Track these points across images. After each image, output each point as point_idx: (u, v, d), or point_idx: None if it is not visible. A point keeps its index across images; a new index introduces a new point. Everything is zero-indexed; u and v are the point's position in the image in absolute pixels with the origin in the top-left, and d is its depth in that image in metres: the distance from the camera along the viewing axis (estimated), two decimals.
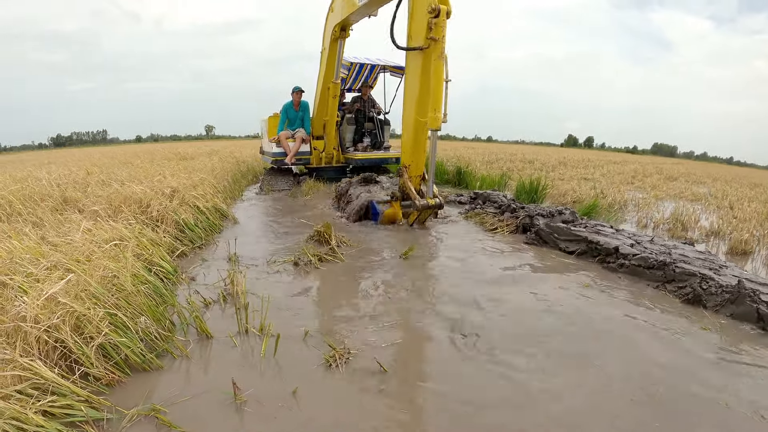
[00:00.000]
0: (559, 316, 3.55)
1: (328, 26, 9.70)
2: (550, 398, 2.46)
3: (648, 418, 2.32)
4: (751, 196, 11.95)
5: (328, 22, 9.70)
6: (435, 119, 5.51)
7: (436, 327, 3.29)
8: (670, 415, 2.34)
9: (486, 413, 2.32)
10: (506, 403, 2.41)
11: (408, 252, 5.03)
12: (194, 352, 2.86)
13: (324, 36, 10.02)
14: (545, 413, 2.33)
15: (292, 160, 10.45)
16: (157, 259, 4.03)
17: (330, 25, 9.56)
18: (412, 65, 5.92)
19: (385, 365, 2.68)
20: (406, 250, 5.07)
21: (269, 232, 6.16)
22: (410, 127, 6.11)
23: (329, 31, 9.56)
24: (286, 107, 10.60)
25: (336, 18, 9.05)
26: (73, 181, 8.00)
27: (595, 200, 8.26)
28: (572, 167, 18.07)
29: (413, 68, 5.90)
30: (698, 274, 4.13)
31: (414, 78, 5.91)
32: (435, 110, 5.51)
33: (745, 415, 2.36)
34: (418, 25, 5.65)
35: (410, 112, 6.08)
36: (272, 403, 2.36)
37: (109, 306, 2.78)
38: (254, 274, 4.33)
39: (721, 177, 20.38)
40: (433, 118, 5.52)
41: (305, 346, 2.94)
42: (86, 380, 2.41)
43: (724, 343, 3.20)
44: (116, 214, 5.23)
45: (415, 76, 5.88)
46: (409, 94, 6.10)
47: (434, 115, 5.51)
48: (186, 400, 2.36)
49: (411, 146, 6.19)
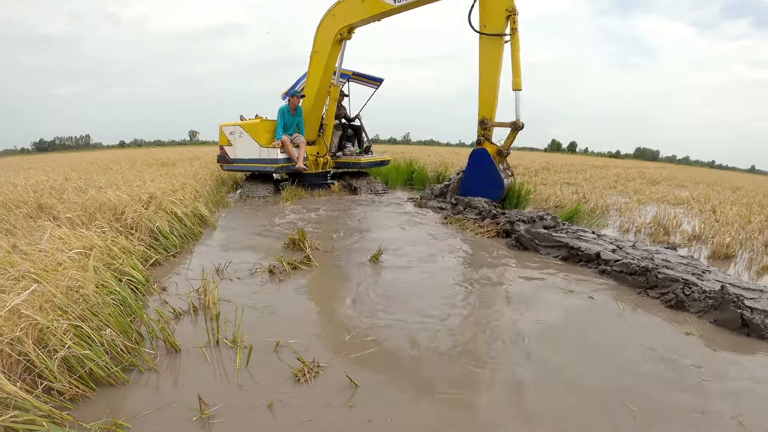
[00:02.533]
0: (537, 322, 3.51)
1: (326, 30, 9.75)
2: (525, 405, 2.42)
3: (623, 424, 2.29)
4: (733, 200, 12.08)
5: (326, 26, 9.75)
6: (518, 82, 7.50)
7: (402, 338, 3.22)
8: (648, 420, 2.32)
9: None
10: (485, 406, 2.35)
11: (377, 255, 5.01)
12: (162, 364, 2.76)
13: (317, 39, 10.00)
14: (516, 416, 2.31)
15: (299, 165, 10.09)
16: (128, 269, 3.91)
17: (329, 28, 9.65)
18: (491, 45, 7.91)
19: (356, 379, 2.61)
20: (375, 253, 5.04)
21: (246, 239, 6.06)
22: (493, 90, 8.14)
23: (330, 33, 9.64)
24: (282, 111, 10.15)
25: (344, 20, 9.41)
26: (50, 187, 7.89)
27: (578, 205, 8.26)
28: (555, 172, 18.14)
29: (494, 46, 7.89)
30: (681, 279, 4.12)
31: (496, 53, 7.91)
32: (517, 75, 7.47)
33: (724, 423, 2.33)
34: (495, 18, 7.78)
35: (494, 80, 8.06)
36: (238, 418, 2.29)
37: (73, 318, 2.68)
38: (228, 283, 4.23)
39: (703, 180, 20.61)
40: (517, 81, 7.49)
41: (275, 359, 2.86)
42: (50, 395, 2.32)
43: (707, 349, 3.19)
44: (90, 221, 5.11)
45: (496, 52, 7.90)
46: (491, 67, 8.02)
47: (517, 79, 7.49)
48: (150, 414, 2.29)
49: (493, 103, 8.24)
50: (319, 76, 10.07)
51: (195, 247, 5.59)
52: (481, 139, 8.42)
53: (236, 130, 10.57)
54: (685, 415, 2.38)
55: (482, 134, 8.39)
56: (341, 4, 9.38)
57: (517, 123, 7.81)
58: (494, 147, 8.31)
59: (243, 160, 10.66)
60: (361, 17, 9.12)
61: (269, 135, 10.32)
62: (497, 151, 8.29)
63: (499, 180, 8.25)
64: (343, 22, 9.39)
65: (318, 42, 10.02)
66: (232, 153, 10.78)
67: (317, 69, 10.12)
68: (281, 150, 9.95)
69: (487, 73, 8.09)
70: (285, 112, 10.17)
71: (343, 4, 9.35)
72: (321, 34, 9.91)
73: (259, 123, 10.46)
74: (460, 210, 7.87)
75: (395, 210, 8.60)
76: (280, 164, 10.00)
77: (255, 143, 10.25)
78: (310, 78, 10.38)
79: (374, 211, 8.49)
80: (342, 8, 9.37)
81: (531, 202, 9.52)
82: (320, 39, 9.95)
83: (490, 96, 8.20)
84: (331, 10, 9.55)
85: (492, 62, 7.97)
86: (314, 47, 10.11)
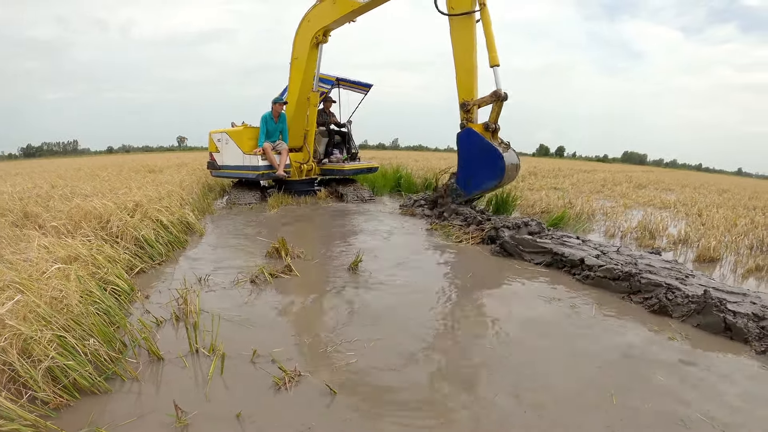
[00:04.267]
0: (519, 329, 3.55)
1: (303, 36, 9.89)
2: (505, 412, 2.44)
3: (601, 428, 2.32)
4: (720, 203, 12.18)
5: (303, 31, 9.89)
6: (494, 57, 7.20)
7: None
8: (628, 424, 2.35)
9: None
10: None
11: (356, 263, 5.02)
12: (144, 373, 2.77)
13: (295, 45, 10.13)
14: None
15: (280, 172, 10.05)
16: (112, 277, 3.91)
17: (306, 34, 9.79)
18: (461, 25, 7.69)
19: (335, 387, 2.63)
20: (354, 260, 5.05)
21: (229, 247, 6.08)
22: (471, 72, 7.82)
23: (307, 38, 9.76)
24: (265, 118, 10.18)
25: (319, 24, 9.51)
26: (36, 195, 7.85)
27: (564, 211, 8.29)
28: (542, 177, 18.24)
29: (465, 26, 7.67)
30: (664, 284, 4.15)
31: (468, 33, 7.69)
32: (492, 50, 7.21)
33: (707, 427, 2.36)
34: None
35: (471, 61, 7.78)
36: (216, 425, 2.31)
37: (57, 328, 2.69)
38: (210, 292, 4.23)
39: (690, 184, 20.76)
40: (493, 57, 7.21)
41: (255, 367, 2.87)
42: (34, 404, 2.34)
43: (690, 353, 3.24)
44: (76, 229, 5.10)
45: (468, 32, 7.68)
46: (465, 48, 7.78)
47: (493, 54, 7.22)
48: (131, 422, 2.30)
49: (472, 85, 7.88)
50: (300, 82, 10.15)
51: (180, 255, 5.58)
52: (464, 122, 7.98)
53: (223, 137, 10.66)
54: (665, 420, 2.42)
55: (465, 118, 7.97)
56: (315, 9, 9.57)
57: (498, 92, 7.36)
58: (479, 125, 7.77)
59: (229, 167, 10.73)
60: (333, 18, 9.25)
61: (252, 142, 10.36)
62: (484, 127, 7.71)
63: (494, 152, 7.44)
64: (318, 25, 9.55)
65: (296, 48, 10.16)
66: (220, 160, 10.87)
67: (297, 75, 10.22)
68: (262, 157, 10.00)
69: (462, 56, 7.85)
70: (268, 119, 10.23)
71: (317, 8, 9.53)
72: (299, 40, 10.06)
73: (243, 130, 10.52)
74: (445, 217, 7.86)
75: (380, 217, 8.61)
76: (261, 171, 10.05)
77: (239, 150, 10.32)
78: (291, 85, 10.47)
79: (359, 218, 8.51)
80: (316, 12, 9.56)
81: (517, 208, 9.57)
82: (298, 45, 10.09)
83: (468, 79, 7.89)
84: (307, 15, 9.74)
85: (466, 43, 7.75)
86: (293, 54, 10.24)
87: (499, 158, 7.38)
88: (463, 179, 8.15)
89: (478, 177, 7.84)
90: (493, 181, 7.61)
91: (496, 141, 7.68)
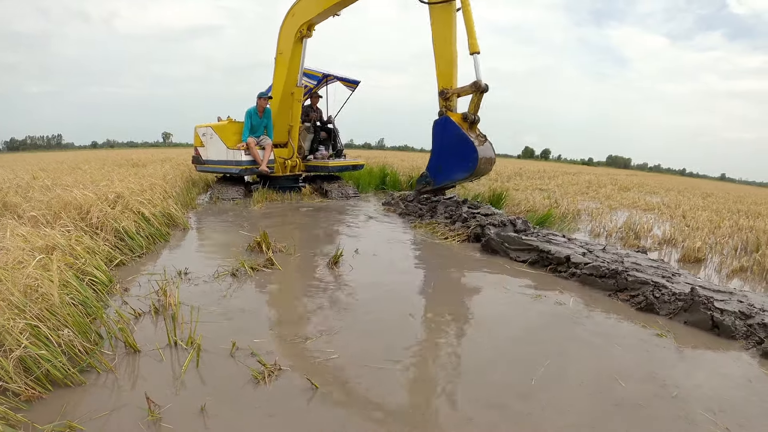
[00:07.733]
0: (503, 328, 3.53)
1: (288, 30, 9.86)
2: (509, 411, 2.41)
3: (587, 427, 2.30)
4: (704, 206, 12.30)
5: (287, 26, 9.87)
6: (474, 44, 7.18)
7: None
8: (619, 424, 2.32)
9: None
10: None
11: (336, 259, 4.96)
12: (119, 366, 2.69)
13: (280, 40, 10.11)
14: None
15: (263, 167, 9.99)
16: (90, 268, 3.82)
17: (290, 28, 9.77)
18: (441, 14, 7.66)
19: (316, 381, 2.57)
20: (334, 255, 4.98)
21: (212, 241, 6.04)
22: (450, 61, 7.77)
23: (291, 33, 9.74)
24: (250, 113, 10.13)
25: (303, 17, 9.49)
26: (17, 185, 7.73)
27: (550, 210, 8.31)
28: (528, 178, 18.31)
29: (444, 15, 7.63)
30: (651, 282, 4.16)
31: (447, 22, 7.64)
32: (472, 37, 7.18)
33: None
34: None
35: (450, 49, 7.73)
36: (188, 419, 2.25)
37: (31, 317, 2.61)
38: (190, 284, 4.15)
39: (674, 188, 20.97)
40: (473, 43, 7.18)
41: (234, 361, 2.81)
42: (5, 395, 2.25)
43: (678, 350, 3.24)
44: (55, 220, 5.00)
45: (447, 21, 7.64)
46: (445, 37, 7.72)
47: (472, 41, 7.19)
48: (104, 415, 2.23)
49: (452, 75, 7.82)
50: (284, 77, 10.13)
51: (162, 248, 5.50)
52: (443, 110, 7.83)
53: (208, 132, 10.58)
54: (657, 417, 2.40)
55: (444, 106, 7.84)
56: (300, 3, 9.57)
57: (478, 83, 7.30)
58: (458, 115, 7.66)
59: (213, 162, 10.67)
60: (317, 12, 9.25)
61: (237, 137, 10.28)
62: (463, 117, 7.59)
63: (469, 145, 7.33)
64: (302, 19, 9.53)
65: (281, 43, 10.14)
66: (204, 154, 10.80)
67: (282, 70, 10.19)
68: (246, 152, 9.96)
69: (442, 46, 7.79)
70: (252, 114, 10.19)
71: (301, 2, 9.54)
72: (283, 34, 10.04)
73: (227, 125, 10.45)
74: (429, 214, 7.83)
75: (364, 214, 8.59)
76: (244, 166, 9.98)
77: (223, 145, 10.25)
78: (276, 80, 10.43)
79: (342, 214, 8.48)
80: (300, 6, 9.57)
81: (503, 207, 9.57)
82: (283, 40, 10.07)
83: (448, 69, 7.80)
84: (291, 9, 9.74)
85: (445, 33, 7.68)
86: (278, 48, 10.23)
87: (472, 151, 7.29)
88: (434, 167, 8.13)
89: (449, 167, 7.83)
90: (463, 173, 7.59)
91: (474, 133, 7.60)
